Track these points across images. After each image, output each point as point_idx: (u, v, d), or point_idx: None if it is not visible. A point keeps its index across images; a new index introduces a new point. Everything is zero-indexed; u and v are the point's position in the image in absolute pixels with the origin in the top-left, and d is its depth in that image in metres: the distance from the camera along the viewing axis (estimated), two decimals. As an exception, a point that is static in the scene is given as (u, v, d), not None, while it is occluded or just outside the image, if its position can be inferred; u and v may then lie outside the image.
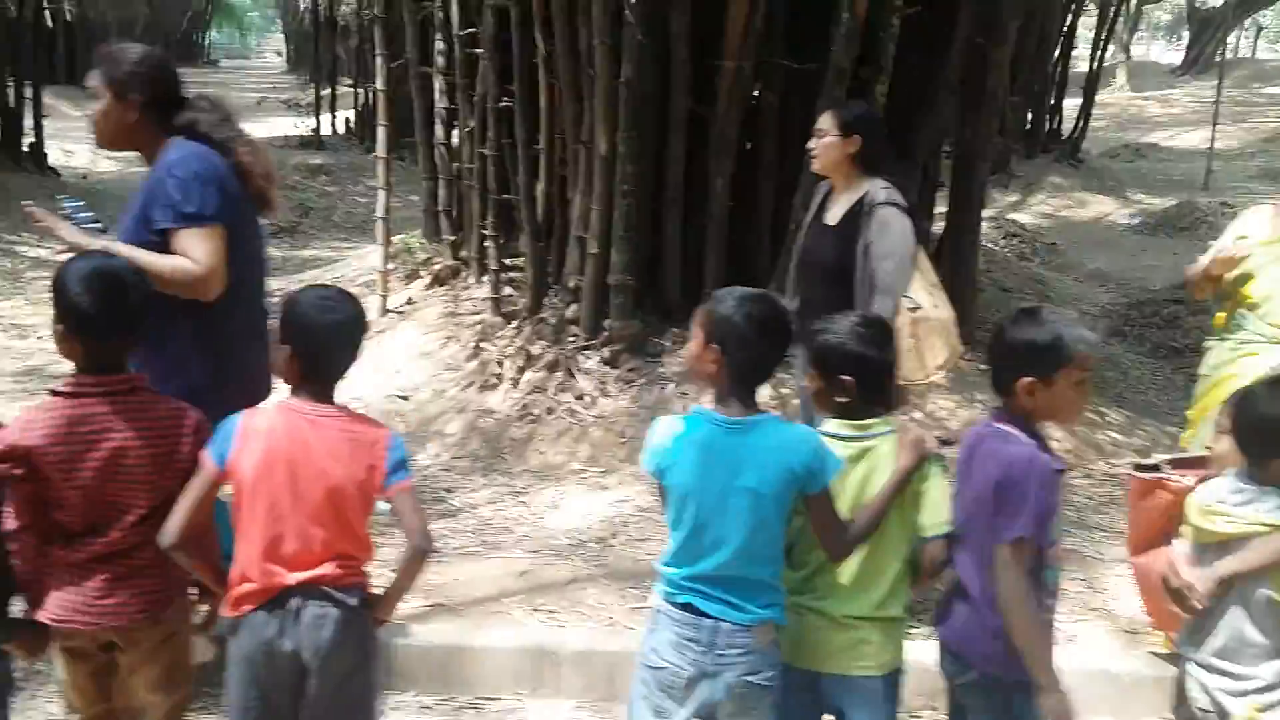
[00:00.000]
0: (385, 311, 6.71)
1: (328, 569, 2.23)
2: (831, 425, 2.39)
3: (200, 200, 2.84)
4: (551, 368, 5.53)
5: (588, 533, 4.36)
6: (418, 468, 4.98)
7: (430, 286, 6.81)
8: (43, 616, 2.30)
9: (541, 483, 4.85)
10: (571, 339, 5.67)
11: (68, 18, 20.40)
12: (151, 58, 3.05)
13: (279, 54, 37.30)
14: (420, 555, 2.25)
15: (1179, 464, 3.23)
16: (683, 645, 2.24)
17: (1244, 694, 2.40)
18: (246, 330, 3.00)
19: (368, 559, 2.34)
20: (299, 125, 15.93)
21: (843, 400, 2.35)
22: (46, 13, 18.14)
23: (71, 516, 2.28)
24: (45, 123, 12.30)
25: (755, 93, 5.77)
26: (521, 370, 5.55)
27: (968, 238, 6.39)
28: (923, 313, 3.63)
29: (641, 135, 5.45)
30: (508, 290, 6.09)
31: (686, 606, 2.25)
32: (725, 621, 2.21)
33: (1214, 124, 14.94)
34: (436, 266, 6.86)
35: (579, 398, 5.35)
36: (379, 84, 6.72)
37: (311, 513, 2.22)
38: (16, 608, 2.37)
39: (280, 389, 2.52)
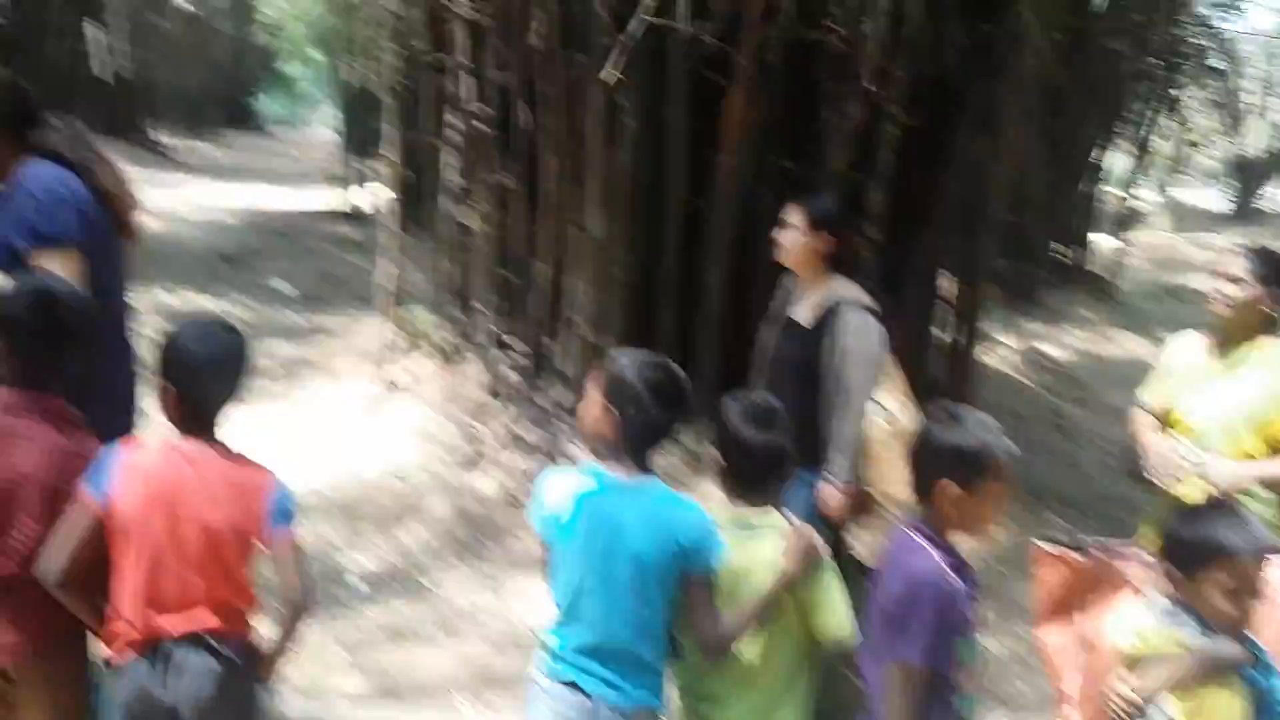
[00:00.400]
0: (388, 384, 6.76)
1: (209, 619, 2.19)
2: (717, 513, 2.35)
3: (54, 221, 2.84)
4: (540, 453, 5.51)
5: (551, 627, 4.31)
6: (400, 547, 4.96)
7: (435, 362, 6.85)
8: None
9: (515, 571, 4.80)
10: (563, 424, 5.65)
11: (120, 74, 20.98)
12: (3, 81, 3.11)
13: (329, 124, 38.27)
14: (300, 611, 2.21)
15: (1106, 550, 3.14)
16: None
17: None
18: (113, 352, 2.98)
19: (250, 609, 2.30)
20: (335, 198, 16.23)
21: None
22: (97, 66, 18.76)
23: None
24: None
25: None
26: (511, 454, 5.54)
27: (966, 357, 6.37)
28: (902, 426, 3.57)
29: (636, 223, 5.50)
30: (503, 369, 6.11)
31: (570, 684, 2.21)
32: (604, 702, 2.17)
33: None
34: (441, 343, 6.91)
35: (563, 486, 5.32)
36: (390, 155, 6.84)
37: (190, 557, 2.19)
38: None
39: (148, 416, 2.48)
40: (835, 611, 2.27)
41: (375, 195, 16.54)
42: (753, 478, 2.36)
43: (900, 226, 5.87)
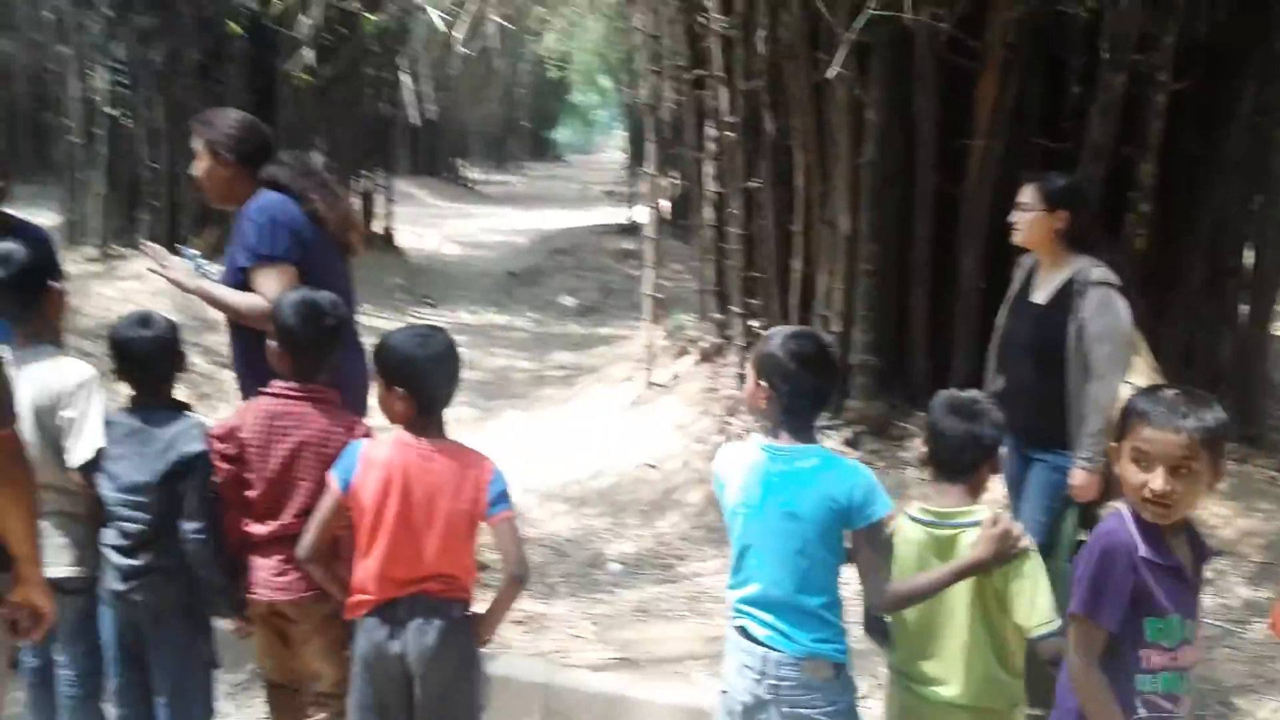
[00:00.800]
0: (650, 385, 7.06)
1: (434, 585, 2.47)
2: (914, 509, 2.38)
3: (272, 242, 3.21)
4: (790, 443, 5.59)
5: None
6: (656, 534, 5.20)
7: (697, 363, 7.09)
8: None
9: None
10: (814, 415, 5.70)
11: (430, 117, 22.92)
12: (243, 122, 3.47)
13: (618, 147, 39.98)
14: (517, 581, 2.46)
15: None
16: (743, 671, 2.33)
17: None
18: (352, 352, 3.24)
19: (471, 581, 2.56)
20: (618, 216, 16.95)
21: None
22: (412, 111, 20.56)
23: (259, 498, 2.70)
24: (406, 210, 13.94)
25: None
26: (760, 444, 5.65)
27: (1261, 334, 5.85)
28: None
29: (885, 214, 5.48)
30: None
31: (742, 631, 2.35)
32: (774, 650, 2.28)
33: None
34: (703, 344, 7.14)
35: (816, 477, 5.38)
36: (650, 168, 7.14)
37: (420, 535, 2.48)
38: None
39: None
40: (1033, 603, 2.24)
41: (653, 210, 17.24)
42: (955, 469, 2.38)
43: (1177, 197, 5.52)
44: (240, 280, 3.29)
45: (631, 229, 16.01)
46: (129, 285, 8.09)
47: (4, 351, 2.92)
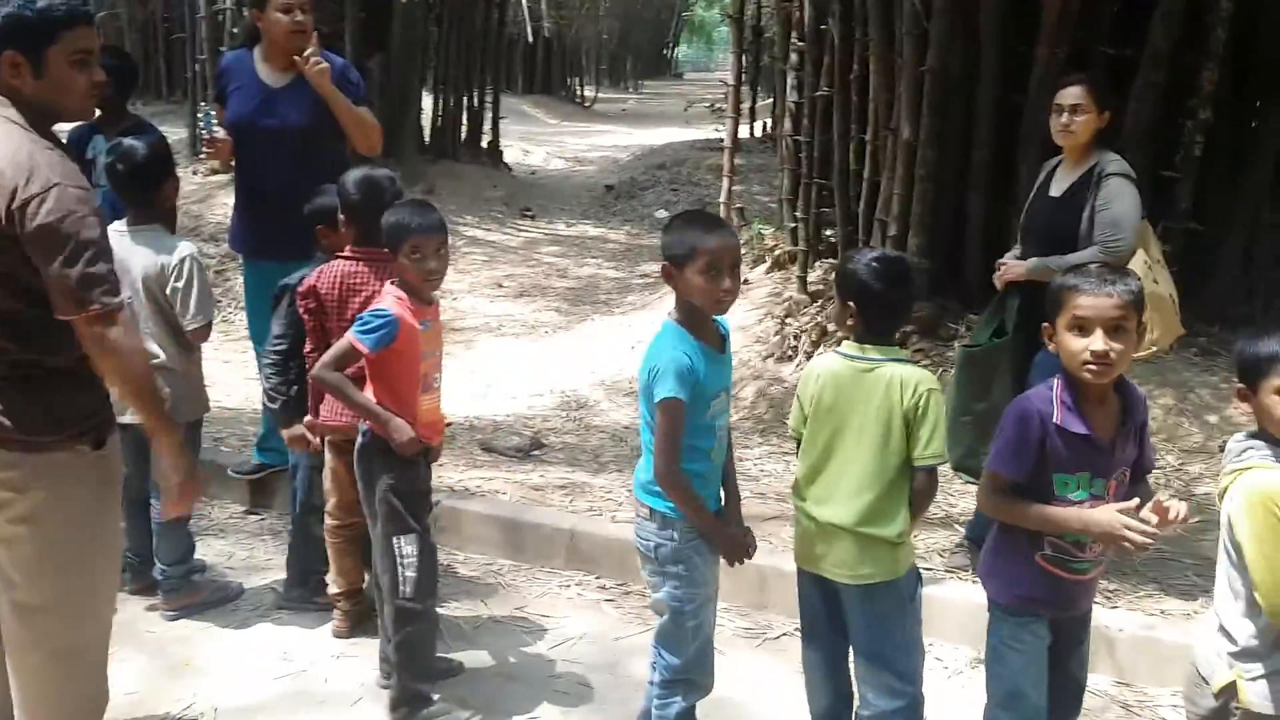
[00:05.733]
0: (724, 290, 7.36)
1: None
2: (844, 345, 2.65)
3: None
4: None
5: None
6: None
7: (770, 270, 7.35)
8: (318, 418, 3.35)
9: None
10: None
11: (545, 35, 23.23)
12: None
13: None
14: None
15: None
16: None
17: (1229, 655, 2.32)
18: None
19: None
20: (719, 130, 17.00)
21: (849, 324, 2.60)
22: (529, 30, 20.90)
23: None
24: (518, 127, 14.25)
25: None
26: (815, 345, 5.93)
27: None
28: (1150, 290, 3.60)
29: (947, 122, 5.61)
30: (819, 272, 6.48)
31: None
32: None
33: None
34: (777, 252, 7.39)
35: (863, 374, 5.65)
36: (729, 79, 7.35)
37: None
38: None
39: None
40: (928, 441, 2.51)
41: (760, 126, 17.26)
42: (886, 329, 2.63)
43: (1244, 105, 5.51)
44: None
45: (734, 145, 16.12)
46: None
47: (119, 225, 3.44)
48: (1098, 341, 2.28)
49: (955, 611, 3.53)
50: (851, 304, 2.57)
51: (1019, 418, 2.41)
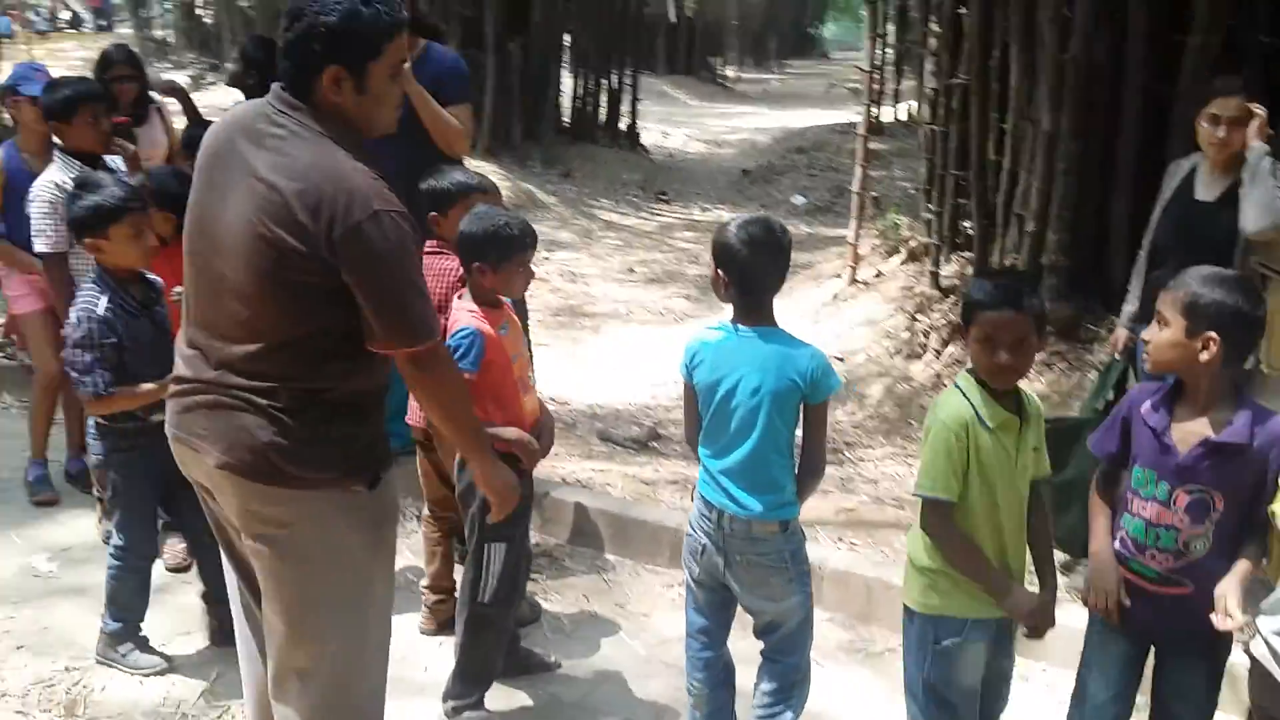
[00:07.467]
0: (853, 282, 7.22)
1: None
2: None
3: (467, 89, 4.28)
4: (974, 343, 5.66)
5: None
6: (833, 423, 5.45)
7: (904, 262, 7.16)
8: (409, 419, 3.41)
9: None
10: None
11: (687, 14, 23.12)
12: None
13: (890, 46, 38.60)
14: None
15: None
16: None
17: None
18: None
19: None
20: (858, 112, 16.63)
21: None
22: (670, 9, 20.82)
23: None
24: (657, 109, 14.21)
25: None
26: (945, 343, 5.74)
27: None
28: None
29: (1089, 113, 5.34)
30: (953, 265, 6.26)
31: (705, 499, 2.68)
32: (725, 513, 2.63)
33: None
34: (912, 243, 7.19)
35: (996, 375, 5.44)
36: (866, 65, 7.16)
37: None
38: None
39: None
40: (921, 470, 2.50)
41: (905, 109, 16.80)
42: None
43: None
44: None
45: (876, 129, 15.73)
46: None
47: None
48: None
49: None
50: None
51: (1125, 399, 2.56)
